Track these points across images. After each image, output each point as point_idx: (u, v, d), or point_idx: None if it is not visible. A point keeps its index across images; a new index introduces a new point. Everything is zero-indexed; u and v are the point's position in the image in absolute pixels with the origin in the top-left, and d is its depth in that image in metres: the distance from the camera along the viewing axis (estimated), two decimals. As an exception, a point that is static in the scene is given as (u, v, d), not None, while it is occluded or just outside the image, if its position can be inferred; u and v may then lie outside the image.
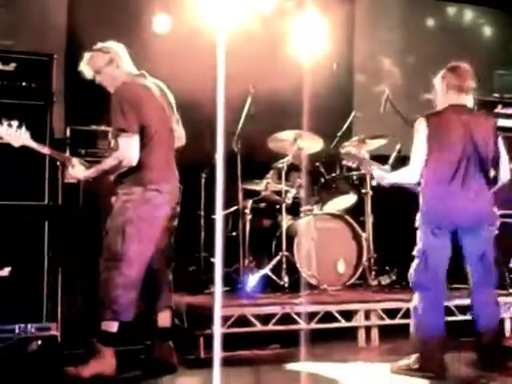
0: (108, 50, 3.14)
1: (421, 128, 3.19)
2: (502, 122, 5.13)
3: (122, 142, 2.94)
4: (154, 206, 2.99)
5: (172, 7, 5.15)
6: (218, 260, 1.95)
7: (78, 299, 3.77)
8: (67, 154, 3.70)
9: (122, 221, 2.95)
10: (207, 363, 3.24)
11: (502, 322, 4.06)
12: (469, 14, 6.81)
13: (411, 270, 3.25)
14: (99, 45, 3.19)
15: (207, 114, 4.48)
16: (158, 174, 3.03)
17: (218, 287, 2.20)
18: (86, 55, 3.17)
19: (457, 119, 3.17)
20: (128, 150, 2.94)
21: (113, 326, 2.93)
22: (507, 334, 4.07)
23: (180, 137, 3.34)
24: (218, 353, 1.86)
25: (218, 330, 2.21)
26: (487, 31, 6.88)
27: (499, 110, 5.18)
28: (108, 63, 3.11)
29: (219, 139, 2.03)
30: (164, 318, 3.18)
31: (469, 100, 3.33)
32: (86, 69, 3.15)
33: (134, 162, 2.95)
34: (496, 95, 5.39)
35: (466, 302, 4.02)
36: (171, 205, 3.12)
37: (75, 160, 3.16)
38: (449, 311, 3.98)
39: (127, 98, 2.98)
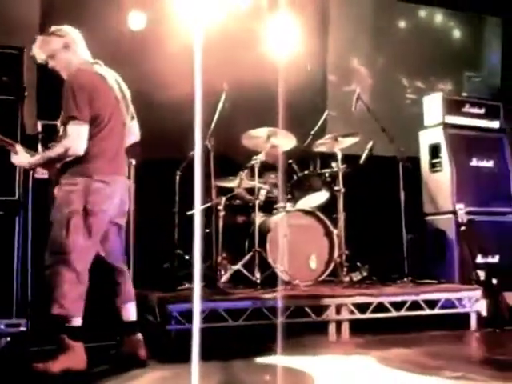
0: (63, 34, 3.03)
1: None
2: (468, 122, 5.30)
3: (71, 129, 2.84)
4: (100, 197, 2.90)
5: (147, 4, 5.15)
6: (196, 255, 1.95)
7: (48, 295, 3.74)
8: (39, 149, 3.66)
9: (66, 212, 2.86)
10: (179, 358, 3.29)
11: (467, 316, 4.20)
12: (439, 17, 6.95)
13: None
14: (53, 28, 3.06)
15: (182, 111, 4.52)
16: (106, 165, 2.94)
17: (197, 282, 2.19)
18: (39, 38, 3.04)
19: None
20: (76, 138, 2.84)
21: (76, 320, 2.88)
22: (472, 328, 4.17)
23: (135, 132, 3.26)
24: (196, 347, 1.87)
25: (196, 325, 2.20)
26: (456, 34, 7.02)
27: (467, 109, 5.32)
28: (63, 48, 3.02)
29: (197, 136, 2.04)
30: (128, 312, 3.13)
31: None
32: (38, 53, 3.04)
33: (81, 152, 2.86)
34: (464, 95, 5.53)
35: (434, 296, 4.16)
36: (120, 198, 3.03)
37: (19, 147, 3.02)
38: (417, 306, 4.08)
39: (81, 85, 2.88)
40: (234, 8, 5.31)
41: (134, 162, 3.73)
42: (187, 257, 4.60)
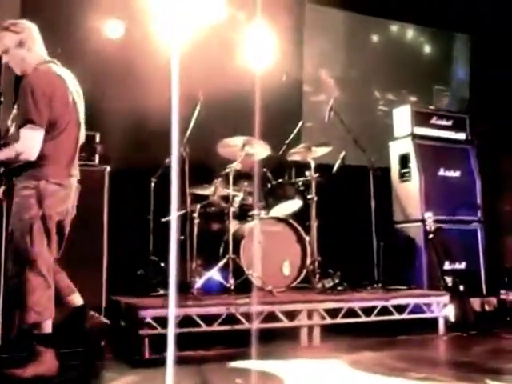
0: (19, 31, 2.93)
1: None
2: (436, 133, 5.48)
3: (26, 134, 2.75)
4: (56, 200, 2.85)
5: (125, 13, 5.20)
6: (172, 261, 2.00)
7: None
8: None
9: (27, 219, 2.80)
10: (152, 363, 3.33)
11: (435, 320, 4.32)
12: (410, 33, 7.17)
13: None
14: (9, 22, 2.96)
15: (157, 119, 4.57)
16: (62, 168, 2.89)
17: (173, 288, 2.22)
18: None
19: None
20: (30, 143, 2.75)
21: (46, 327, 2.86)
22: (440, 332, 4.30)
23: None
24: (171, 352, 1.91)
25: (172, 330, 2.24)
26: (427, 49, 7.25)
27: (434, 121, 5.50)
28: (18, 45, 2.92)
29: (174, 144, 2.09)
30: (75, 301, 3.09)
31: None
32: None
33: (33, 158, 2.78)
34: (431, 107, 5.71)
35: (403, 302, 4.28)
36: (72, 202, 2.99)
37: None
38: (387, 311, 4.19)
39: (43, 87, 2.80)
40: (210, 19, 5.39)
41: (108, 168, 3.77)
42: (162, 264, 4.64)
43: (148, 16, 5.01)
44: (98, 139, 3.95)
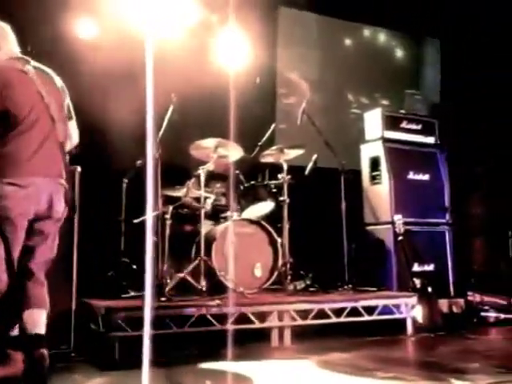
0: None
1: None
2: (406, 137, 5.58)
3: None
4: (14, 202, 2.63)
5: (97, 12, 5.16)
6: (148, 262, 2.00)
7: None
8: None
9: None
10: (123, 366, 3.32)
11: (404, 321, 4.40)
12: (382, 37, 7.29)
13: None
14: None
15: (129, 120, 4.56)
16: (21, 165, 2.66)
17: (148, 289, 2.21)
18: None
19: None
20: None
21: (13, 330, 2.75)
22: (408, 333, 4.38)
23: (70, 136, 3.02)
24: (147, 354, 1.91)
25: (147, 332, 2.23)
26: (398, 53, 7.38)
27: (404, 125, 5.59)
28: None
29: (149, 145, 2.09)
30: (37, 323, 2.72)
31: None
32: None
33: None
34: (402, 112, 5.81)
35: (372, 303, 4.35)
36: (40, 202, 2.73)
37: None
38: (356, 312, 4.25)
39: None
40: (184, 21, 5.39)
41: (79, 169, 3.73)
42: (134, 266, 4.62)
43: (121, 16, 4.98)
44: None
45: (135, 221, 4.58)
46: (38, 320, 2.73)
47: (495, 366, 3.21)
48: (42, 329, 2.71)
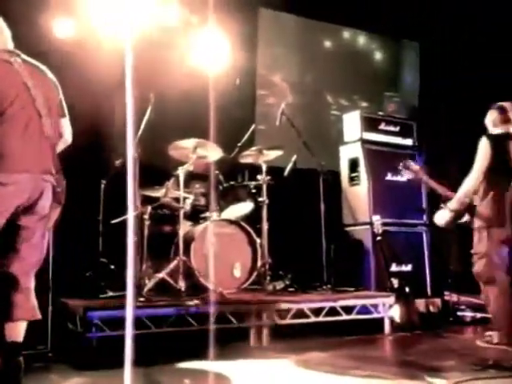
0: None
1: None
2: (384, 138, 5.64)
3: None
4: None
5: (75, 12, 5.12)
6: (129, 262, 1.98)
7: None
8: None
9: None
10: (100, 366, 3.30)
11: (381, 321, 4.45)
12: (361, 39, 7.36)
13: None
14: None
15: (108, 120, 4.55)
16: (2, 161, 2.53)
17: (130, 289, 2.19)
18: None
19: None
20: None
21: None
22: (386, 332, 4.43)
23: (62, 133, 2.94)
24: (129, 354, 1.90)
25: (129, 332, 2.21)
26: (378, 56, 7.45)
27: (383, 127, 5.66)
28: None
29: (129, 145, 2.08)
30: (16, 331, 2.62)
31: None
32: None
33: None
34: (380, 113, 5.88)
35: (351, 303, 4.39)
36: (22, 199, 2.60)
37: None
38: (335, 312, 4.28)
39: None
40: (163, 22, 5.38)
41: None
42: (112, 266, 4.59)
43: (100, 16, 4.95)
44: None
45: (113, 221, 4.57)
46: (19, 331, 2.64)
47: (470, 364, 3.26)
48: (20, 337, 2.64)
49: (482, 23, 6.31)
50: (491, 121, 3.99)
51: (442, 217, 3.92)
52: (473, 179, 3.76)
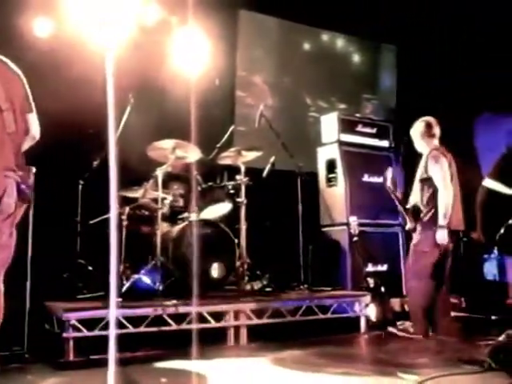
0: None
1: None
2: (361, 140, 5.73)
3: None
4: None
5: (54, 11, 5.09)
6: (112, 263, 1.99)
7: None
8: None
9: None
10: (76, 366, 3.31)
11: (357, 319, 4.53)
12: (340, 42, 7.44)
13: None
14: None
15: (86, 120, 4.53)
16: None
17: (113, 290, 2.20)
18: None
19: None
20: None
21: None
22: (362, 330, 4.50)
23: (29, 129, 2.82)
24: (112, 354, 1.92)
25: (112, 332, 2.22)
26: (356, 58, 7.54)
27: (360, 128, 5.74)
28: None
29: (111, 144, 2.09)
30: None
31: None
32: None
33: None
34: (357, 115, 5.96)
35: (327, 302, 4.46)
36: None
37: None
38: (311, 311, 4.35)
39: None
40: (143, 22, 5.37)
41: (34, 169, 3.68)
42: (90, 267, 4.59)
43: (78, 14, 4.93)
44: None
45: (91, 222, 4.57)
46: None
47: (444, 360, 3.35)
48: None
49: (458, 26, 6.43)
50: (418, 133, 4.46)
51: (443, 236, 4.18)
52: (448, 192, 4.16)
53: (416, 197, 4.43)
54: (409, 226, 4.41)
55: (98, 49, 2.24)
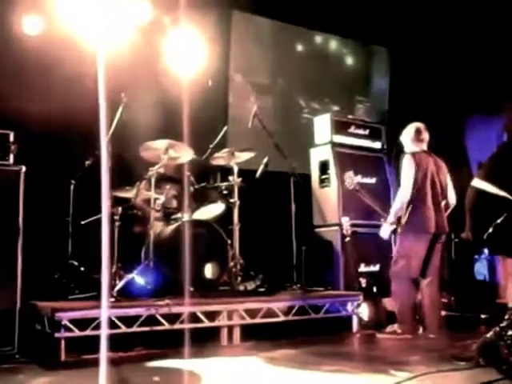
0: None
1: None
2: (354, 141, 5.75)
3: None
4: None
5: (44, 9, 5.07)
6: (104, 263, 1.99)
7: None
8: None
9: None
10: (68, 365, 3.30)
11: (350, 319, 4.54)
12: (333, 44, 7.46)
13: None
14: None
15: (77, 120, 4.52)
16: None
17: (105, 289, 2.19)
18: None
19: None
20: None
21: None
22: (354, 330, 4.51)
23: None
24: (104, 353, 1.92)
25: (104, 332, 2.23)
26: (349, 60, 7.57)
27: (352, 130, 5.76)
28: None
29: (103, 144, 2.09)
30: None
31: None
32: None
33: None
34: (350, 117, 5.98)
35: (319, 302, 4.46)
36: None
37: None
38: (304, 311, 4.35)
39: None
40: (136, 21, 5.36)
41: (24, 168, 3.67)
42: (82, 268, 4.56)
43: (68, 13, 4.91)
44: (12, 138, 3.81)
45: (83, 222, 4.54)
46: None
47: (434, 358, 3.37)
48: None
49: (451, 29, 6.48)
50: (408, 137, 4.63)
51: (384, 231, 4.56)
52: (403, 193, 4.39)
53: None
54: (387, 227, 4.54)
55: (89, 48, 2.23)
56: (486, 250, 5.78)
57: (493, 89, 5.88)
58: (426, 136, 4.62)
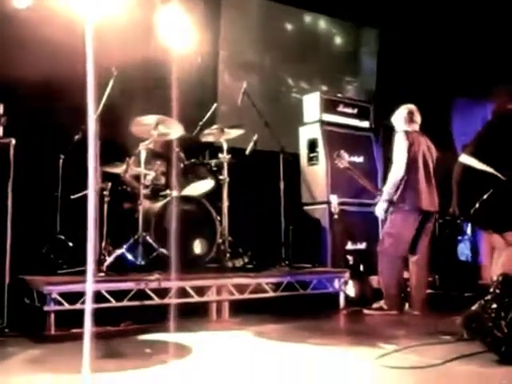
0: None
1: None
2: (342, 120, 5.77)
3: None
4: None
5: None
6: (90, 238, 1.99)
7: None
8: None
9: None
10: (58, 339, 3.31)
11: (337, 296, 4.61)
12: (322, 24, 7.43)
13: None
14: None
15: (68, 93, 4.46)
16: None
17: (90, 264, 2.20)
18: None
19: None
20: None
21: None
22: (341, 306, 4.59)
23: None
24: (88, 327, 1.92)
25: (89, 306, 2.23)
26: (338, 40, 7.55)
27: (341, 108, 5.78)
28: None
29: (90, 119, 2.07)
30: None
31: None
32: None
33: None
34: (339, 95, 5.99)
35: (307, 278, 4.52)
36: None
37: None
38: (292, 287, 4.41)
39: None
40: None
41: (13, 141, 3.62)
42: (70, 243, 4.56)
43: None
44: (1, 110, 3.76)
45: (73, 196, 4.52)
46: None
47: (421, 333, 3.44)
48: None
49: (440, 11, 6.49)
50: (401, 118, 4.65)
51: (380, 209, 4.53)
52: (396, 171, 4.40)
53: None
54: (383, 205, 4.51)
55: (79, 20, 2.21)
56: (469, 230, 5.88)
57: (480, 73, 5.92)
58: (418, 118, 4.67)
